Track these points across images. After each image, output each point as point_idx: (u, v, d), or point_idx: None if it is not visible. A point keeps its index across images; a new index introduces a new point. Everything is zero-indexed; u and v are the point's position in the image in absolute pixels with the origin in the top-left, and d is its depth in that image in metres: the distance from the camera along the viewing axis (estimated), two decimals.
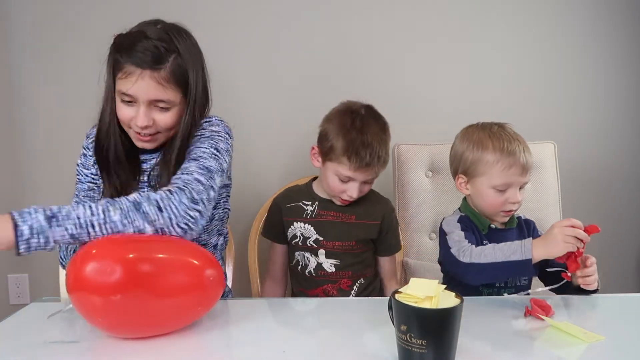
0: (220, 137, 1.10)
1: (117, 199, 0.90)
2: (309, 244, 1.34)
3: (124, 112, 1.07)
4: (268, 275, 1.46)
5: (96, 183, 1.17)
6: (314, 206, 1.36)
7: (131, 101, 1.05)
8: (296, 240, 1.36)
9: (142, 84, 1.02)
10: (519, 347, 0.83)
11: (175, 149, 1.08)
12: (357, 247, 1.34)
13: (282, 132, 1.88)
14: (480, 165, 1.16)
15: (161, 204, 0.89)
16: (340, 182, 1.29)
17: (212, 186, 0.99)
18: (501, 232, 1.20)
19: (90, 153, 1.18)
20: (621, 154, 1.93)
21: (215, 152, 1.06)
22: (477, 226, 1.19)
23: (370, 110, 1.33)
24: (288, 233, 1.38)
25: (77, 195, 1.20)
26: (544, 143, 1.62)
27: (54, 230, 0.83)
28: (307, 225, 1.35)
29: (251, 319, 0.95)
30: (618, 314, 0.97)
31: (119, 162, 1.12)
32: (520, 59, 1.88)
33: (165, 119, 1.07)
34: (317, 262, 1.34)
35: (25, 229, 0.81)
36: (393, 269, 1.46)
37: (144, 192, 0.99)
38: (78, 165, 1.22)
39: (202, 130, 1.11)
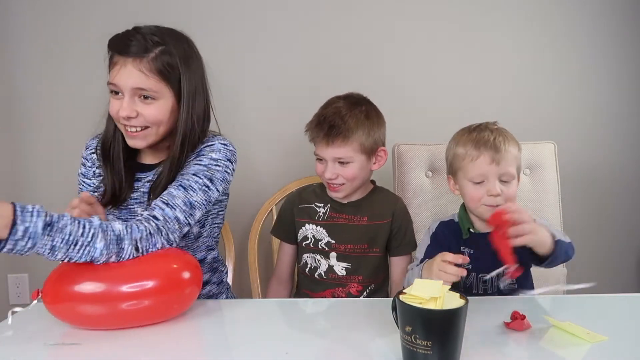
0: (217, 167, 1.10)
1: (110, 225, 0.89)
2: (320, 247, 1.32)
3: (113, 105, 1.07)
4: (274, 276, 1.44)
5: (97, 192, 1.17)
6: (325, 208, 1.34)
7: (117, 92, 1.06)
8: (307, 242, 1.34)
9: (124, 72, 1.03)
10: (523, 347, 0.83)
11: (175, 159, 1.09)
12: (369, 250, 1.31)
13: (281, 132, 1.88)
14: (455, 161, 1.16)
15: (139, 245, 0.91)
16: (319, 162, 1.30)
17: (189, 223, 1.03)
18: (483, 235, 1.15)
19: (89, 164, 1.21)
20: (621, 154, 1.93)
21: (207, 184, 1.07)
22: (461, 231, 1.17)
23: (352, 96, 1.32)
24: (299, 234, 1.36)
25: None
26: (544, 143, 1.62)
27: (43, 239, 0.79)
28: (319, 227, 1.33)
29: (253, 320, 0.95)
30: (621, 314, 0.97)
31: (119, 163, 1.14)
32: (520, 59, 1.88)
33: (150, 111, 1.06)
34: (329, 264, 1.32)
35: (20, 229, 0.76)
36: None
37: (139, 219, 0.96)
38: (79, 175, 1.23)
39: (202, 156, 1.10)
